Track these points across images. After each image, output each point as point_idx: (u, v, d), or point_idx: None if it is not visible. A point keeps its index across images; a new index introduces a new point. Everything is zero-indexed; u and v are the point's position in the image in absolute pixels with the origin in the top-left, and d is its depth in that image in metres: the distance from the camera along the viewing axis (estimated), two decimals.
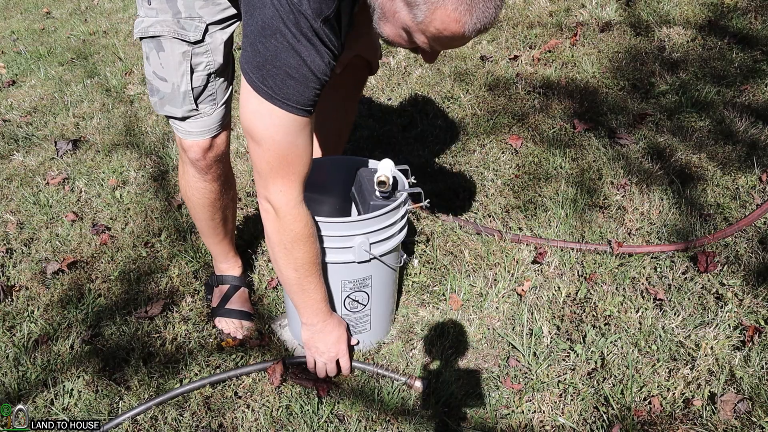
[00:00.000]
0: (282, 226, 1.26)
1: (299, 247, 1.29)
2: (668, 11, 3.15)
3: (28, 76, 3.75)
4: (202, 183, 1.51)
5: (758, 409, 1.34)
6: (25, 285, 1.93)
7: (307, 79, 1.11)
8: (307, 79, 1.11)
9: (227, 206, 1.62)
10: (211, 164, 1.47)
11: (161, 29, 1.32)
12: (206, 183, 1.51)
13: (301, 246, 1.29)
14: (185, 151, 1.46)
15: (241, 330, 1.68)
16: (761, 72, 2.59)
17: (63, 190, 2.44)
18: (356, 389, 1.49)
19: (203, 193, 1.54)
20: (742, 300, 1.62)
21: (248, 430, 1.42)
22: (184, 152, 1.47)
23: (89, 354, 1.64)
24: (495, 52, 3.09)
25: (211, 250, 1.75)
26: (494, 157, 2.33)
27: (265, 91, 1.12)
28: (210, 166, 1.48)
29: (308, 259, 1.32)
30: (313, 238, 1.31)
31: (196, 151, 1.44)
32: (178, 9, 1.30)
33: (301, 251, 1.29)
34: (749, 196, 1.98)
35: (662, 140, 2.29)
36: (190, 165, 1.48)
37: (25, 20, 5.01)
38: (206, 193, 1.54)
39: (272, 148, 1.17)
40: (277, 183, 1.21)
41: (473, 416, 1.41)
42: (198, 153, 1.44)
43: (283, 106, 1.13)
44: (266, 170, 1.20)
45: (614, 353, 1.51)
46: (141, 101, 3.17)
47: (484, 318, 1.67)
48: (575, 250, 1.85)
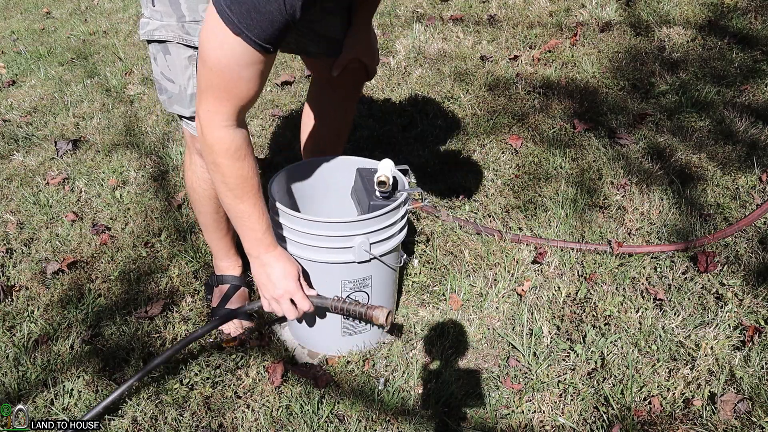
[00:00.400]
0: (204, 144, 1.24)
1: (223, 164, 1.25)
2: (668, 11, 3.15)
3: (28, 76, 3.75)
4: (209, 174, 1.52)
5: (758, 409, 1.34)
6: (25, 285, 1.93)
7: (273, 15, 1.08)
8: (272, 15, 1.08)
9: None
10: None
11: (166, 34, 1.32)
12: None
13: (225, 163, 1.24)
14: (193, 142, 1.46)
15: (242, 329, 1.68)
16: (761, 72, 2.59)
17: (63, 190, 2.44)
18: (356, 389, 1.49)
19: (209, 184, 1.54)
20: (742, 300, 1.62)
21: (248, 430, 1.42)
22: (192, 143, 1.48)
23: (89, 354, 1.64)
24: (495, 52, 3.09)
25: (213, 246, 1.75)
26: (494, 157, 2.33)
27: (227, 15, 1.08)
28: None
29: (236, 179, 1.27)
30: (236, 157, 1.25)
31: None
32: (183, 12, 1.30)
33: (225, 168, 1.25)
34: (749, 196, 1.98)
35: (662, 140, 2.29)
36: (198, 156, 1.49)
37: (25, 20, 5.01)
38: (212, 185, 1.54)
39: (215, 70, 1.14)
40: (209, 102, 1.19)
41: (473, 416, 1.41)
42: None
43: (241, 35, 1.09)
44: (203, 87, 1.18)
45: (614, 353, 1.51)
46: (141, 101, 3.17)
47: (484, 318, 1.67)
48: (575, 250, 1.85)
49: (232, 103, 1.18)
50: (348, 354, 1.59)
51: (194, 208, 1.66)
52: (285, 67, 3.32)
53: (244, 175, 1.27)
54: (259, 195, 1.32)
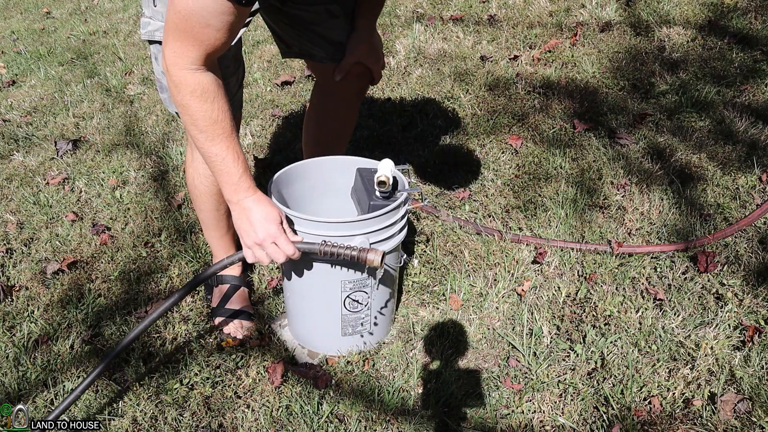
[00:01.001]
0: (171, 82, 1.23)
1: (190, 105, 1.24)
2: (668, 11, 3.15)
3: (28, 76, 3.75)
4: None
5: (758, 409, 1.34)
6: (25, 285, 1.93)
7: None
8: None
9: None
10: None
11: None
12: None
13: (192, 104, 1.23)
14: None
15: (241, 330, 1.68)
16: (761, 72, 2.59)
17: (63, 190, 2.44)
18: (356, 389, 1.49)
19: (211, 180, 1.54)
20: (742, 300, 1.62)
21: (248, 430, 1.42)
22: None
23: (89, 354, 1.64)
24: (495, 52, 3.09)
25: (213, 245, 1.75)
26: (494, 157, 2.33)
27: None
28: None
29: (204, 121, 1.25)
30: (203, 98, 1.23)
31: None
32: None
33: (193, 109, 1.24)
34: (749, 196, 1.98)
35: (662, 140, 2.29)
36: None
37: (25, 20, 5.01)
38: (214, 181, 1.54)
39: (183, 13, 1.13)
40: (175, 44, 1.18)
41: (473, 416, 1.41)
42: None
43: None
44: (170, 29, 1.17)
45: (614, 353, 1.52)
46: (141, 101, 3.17)
47: (484, 318, 1.67)
48: (575, 250, 1.85)
49: (198, 48, 1.17)
50: (348, 354, 1.59)
51: (195, 206, 1.66)
52: (285, 67, 3.32)
53: (213, 117, 1.25)
54: (232, 138, 1.29)
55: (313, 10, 1.51)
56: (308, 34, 1.56)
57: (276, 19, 1.57)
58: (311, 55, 1.64)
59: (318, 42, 1.58)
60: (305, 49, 1.62)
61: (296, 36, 1.60)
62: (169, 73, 1.21)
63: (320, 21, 1.54)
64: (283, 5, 1.47)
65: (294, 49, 1.65)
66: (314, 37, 1.57)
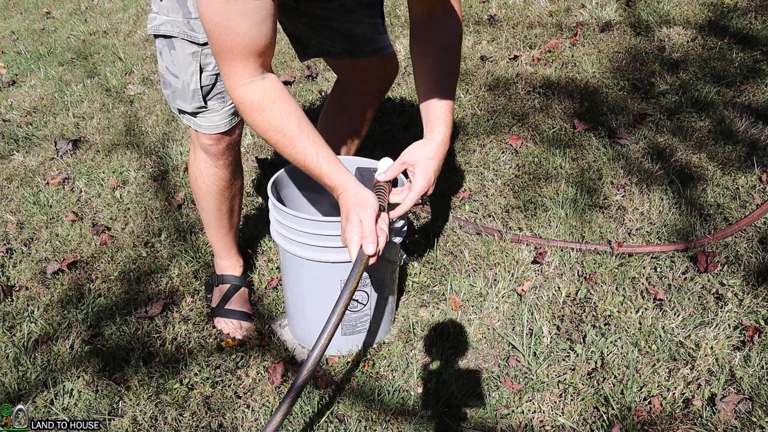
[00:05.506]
0: (237, 106, 1.23)
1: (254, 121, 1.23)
2: (668, 11, 3.15)
3: (28, 76, 3.75)
4: (214, 169, 1.52)
5: (758, 409, 1.34)
6: (25, 285, 1.93)
7: None
8: None
9: (235, 196, 1.63)
10: (223, 151, 1.49)
11: (172, 29, 1.33)
12: (217, 169, 1.52)
13: (253, 119, 1.22)
14: (197, 137, 1.47)
15: (241, 330, 1.68)
16: (761, 72, 2.59)
17: (63, 190, 2.44)
18: (356, 389, 1.49)
19: (213, 179, 1.55)
20: (742, 300, 1.62)
21: (248, 430, 1.42)
22: (196, 138, 1.48)
23: (89, 354, 1.64)
24: (495, 52, 3.09)
25: (214, 245, 1.75)
26: (494, 157, 2.33)
27: None
28: (222, 153, 1.49)
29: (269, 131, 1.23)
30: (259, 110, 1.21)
31: (208, 138, 1.45)
32: (189, 9, 1.32)
33: (256, 125, 1.23)
34: (749, 196, 1.98)
35: (662, 140, 2.29)
36: (202, 151, 1.50)
37: (25, 20, 5.01)
38: (216, 180, 1.55)
39: (213, 31, 1.12)
40: (223, 67, 1.18)
41: (473, 416, 1.41)
42: (210, 140, 1.46)
43: None
44: (214, 53, 1.17)
45: (614, 353, 1.51)
46: (141, 101, 3.17)
47: (484, 318, 1.67)
48: (575, 250, 1.85)
49: (241, 62, 1.16)
50: (348, 354, 1.59)
51: (197, 204, 1.66)
52: (285, 68, 3.32)
53: (275, 125, 1.22)
54: (306, 139, 1.24)
55: (328, 6, 1.52)
56: (325, 30, 1.57)
57: (293, 18, 1.58)
58: (329, 52, 1.64)
59: (335, 37, 1.58)
60: (323, 47, 1.62)
61: (313, 34, 1.60)
62: (231, 97, 1.22)
63: (336, 17, 1.54)
64: (298, 4, 1.48)
65: (311, 49, 1.65)
66: (331, 33, 1.58)
